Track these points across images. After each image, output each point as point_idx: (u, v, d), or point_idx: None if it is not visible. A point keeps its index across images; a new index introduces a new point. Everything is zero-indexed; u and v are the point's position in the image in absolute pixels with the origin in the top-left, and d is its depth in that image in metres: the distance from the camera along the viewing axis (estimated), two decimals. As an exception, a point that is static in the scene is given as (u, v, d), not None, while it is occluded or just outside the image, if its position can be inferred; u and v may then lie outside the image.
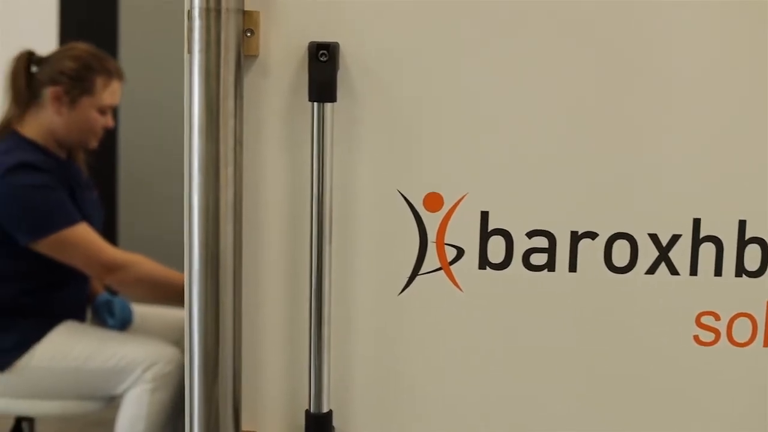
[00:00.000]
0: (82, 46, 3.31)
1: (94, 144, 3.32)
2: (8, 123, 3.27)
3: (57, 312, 3.27)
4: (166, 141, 4.85)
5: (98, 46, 3.33)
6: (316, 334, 1.45)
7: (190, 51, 1.40)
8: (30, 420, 3.45)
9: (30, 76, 3.27)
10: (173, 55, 4.78)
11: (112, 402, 3.31)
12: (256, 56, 1.44)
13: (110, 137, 4.76)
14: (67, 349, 3.17)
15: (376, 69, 1.45)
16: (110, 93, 3.26)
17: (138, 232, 4.73)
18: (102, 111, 3.26)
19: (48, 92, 3.22)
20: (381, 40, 1.45)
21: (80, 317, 3.38)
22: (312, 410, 1.47)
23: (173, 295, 3.28)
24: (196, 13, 1.38)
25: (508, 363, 1.52)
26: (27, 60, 3.30)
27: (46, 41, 4.72)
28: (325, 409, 1.47)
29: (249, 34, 1.43)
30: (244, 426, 1.49)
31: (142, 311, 3.55)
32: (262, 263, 1.49)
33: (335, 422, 1.50)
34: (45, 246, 3.11)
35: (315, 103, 1.41)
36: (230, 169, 1.39)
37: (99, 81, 3.23)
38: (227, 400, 1.44)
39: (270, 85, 1.45)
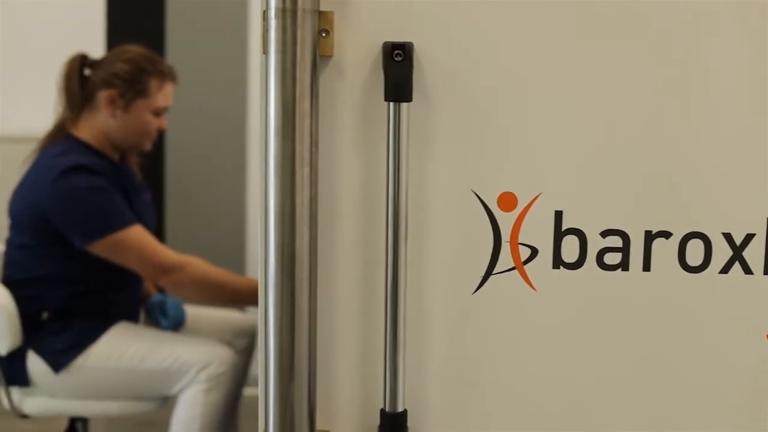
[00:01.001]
0: (134, 49, 3.32)
1: (147, 146, 3.34)
2: (62, 126, 3.29)
3: (111, 313, 3.28)
4: (213, 144, 4.86)
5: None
6: (391, 333, 1.45)
7: (266, 52, 1.40)
8: (84, 420, 3.47)
9: (83, 79, 3.29)
10: (219, 56, 4.81)
11: (166, 403, 3.32)
12: (330, 56, 1.44)
13: (158, 140, 4.78)
14: (122, 350, 3.19)
15: (451, 68, 1.45)
16: (164, 95, 3.27)
17: (185, 234, 4.74)
18: (156, 113, 3.27)
19: (102, 95, 3.23)
20: (455, 40, 1.45)
21: (134, 318, 3.39)
22: (387, 409, 1.47)
23: (226, 296, 3.29)
24: (272, 13, 1.38)
25: (582, 362, 1.52)
26: (80, 63, 3.31)
27: (93, 44, 4.74)
28: (400, 408, 1.47)
29: (324, 35, 1.43)
30: (318, 425, 1.49)
31: (194, 312, 3.56)
32: (336, 263, 1.49)
33: (409, 422, 1.50)
34: (100, 248, 3.12)
35: (391, 103, 1.41)
36: (306, 170, 1.40)
37: (153, 83, 3.24)
38: (302, 400, 1.44)
39: (345, 85, 1.45)
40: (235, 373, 3.25)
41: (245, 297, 3.27)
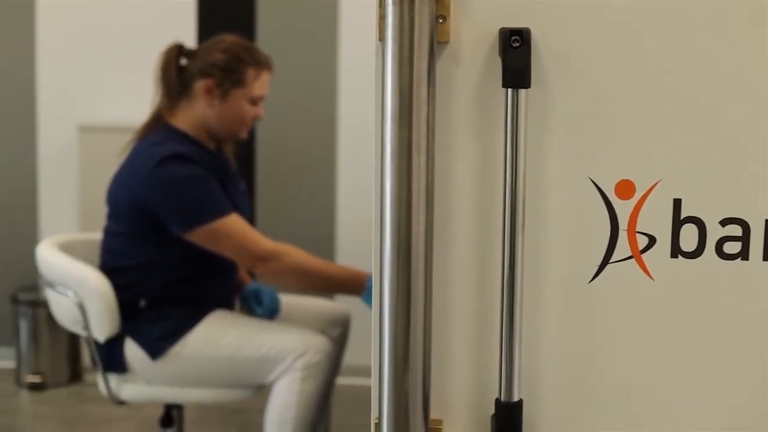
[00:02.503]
0: (231, 38, 3.33)
1: (243, 135, 3.35)
2: (160, 115, 3.31)
3: (208, 301, 3.31)
4: (303, 134, 4.87)
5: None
6: (507, 322, 1.43)
7: (382, 38, 1.39)
8: (179, 407, 3.50)
9: (180, 68, 3.31)
10: (309, 46, 4.81)
11: (260, 390, 3.34)
12: (447, 43, 1.43)
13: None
14: (218, 337, 3.21)
15: (568, 54, 1.43)
16: (260, 84, 3.28)
17: (275, 224, 4.76)
18: (253, 102, 3.28)
19: (199, 85, 3.25)
20: (572, 25, 1.42)
21: (229, 306, 3.41)
22: (502, 399, 1.45)
23: (322, 285, 3.30)
24: (389, 0, 1.37)
25: (700, 353, 1.49)
26: (177, 53, 3.34)
27: (185, 34, 4.77)
28: (515, 398, 1.45)
29: (441, 21, 1.41)
30: (432, 415, 1.48)
31: (288, 300, 3.57)
32: (452, 251, 1.47)
33: (524, 412, 1.48)
34: (198, 236, 3.14)
35: (509, 90, 1.39)
36: (423, 158, 1.38)
37: (250, 72, 3.25)
38: (417, 389, 1.43)
39: (461, 71, 1.44)
40: (329, 362, 3.26)
41: (340, 285, 3.28)
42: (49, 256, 3.34)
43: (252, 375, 3.23)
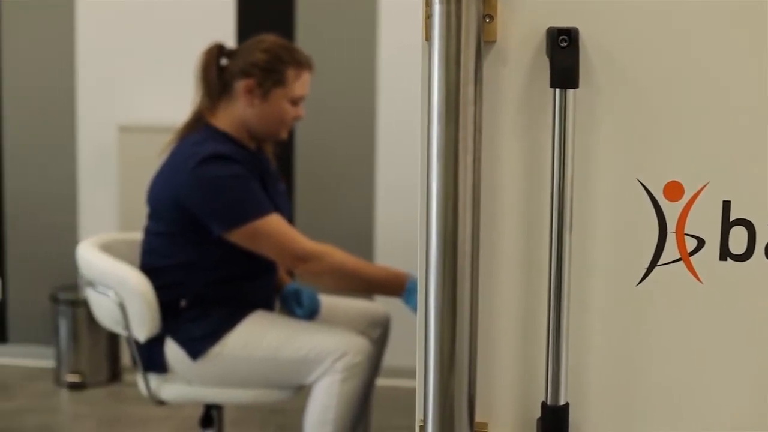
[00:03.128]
0: (272, 38, 3.33)
1: (284, 135, 3.35)
2: (200, 115, 3.32)
3: (248, 301, 3.31)
4: (342, 134, 4.87)
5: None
6: (554, 324, 1.41)
7: (428, 38, 1.38)
8: (219, 407, 3.50)
9: (221, 68, 3.31)
10: (348, 47, 4.81)
11: (300, 391, 3.33)
12: (493, 42, 1.42)
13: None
14: (258, 338, 3.21)
15: (616, 54, 1.41)
16: (301, 84, 3.28)
17: (314, 224, 4.76)
18: (293, 102, 3.28)
19: (240, 85, 3.25)
20: (620, 25, 1.41)
21: (269, 307, 3.41)
22: (549, 402, 1.44)
23: (362, 285, 3.30)
24: (436, -1, 1.36)
25: (749, 357, 1.47)
26: (217, 53, 3.34)
27: (225, 34, 4.78)
28: (562, 402, 1.44)
29: (488, 20, 1.40)
30: (477, 417, 1.47)
31: (328, 301, 3.57)
32: (498, 252, 1.46)
33: (570, 416, 1.46)
34: (238, 236, 3.14)
35: (556, 90, 1.38)
36: (469, 157, 1.37)
37: (290, 72, 3.25)
38: (462, 392, 1.42)
39: (508, 71, 1.43)
40: (369, 363, 3.25)
41: (380, 286, 3.27)
42: (89, 256, 3.35)
43: (292, 376, 3.22)
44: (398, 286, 3.19)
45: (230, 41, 4.69)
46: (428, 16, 1.38)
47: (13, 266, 5.28)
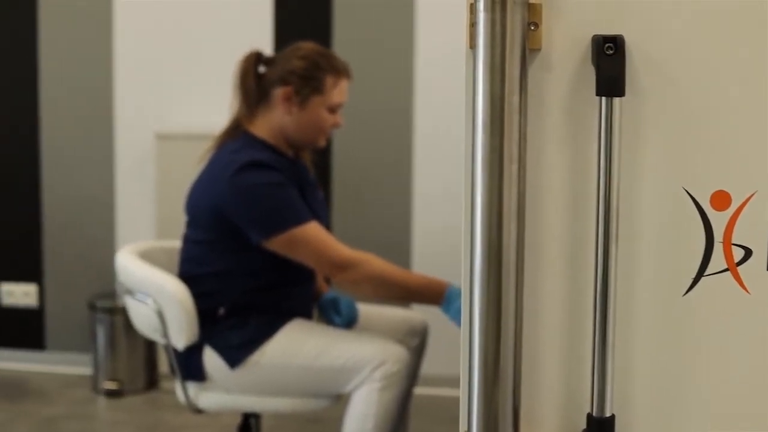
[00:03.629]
0: (309, 45, 3.33)
1: (322, 143, 3.34)
2: (239, 122, 3.32)
3: (286, 309, 3.30)
4: (379, 141, 4.86)
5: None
6: (600, 335, 1.40)
7: (473, 46, 1.37)
8: (257, 416, 3.50)
9: (259, 76, 3.31)
10: (385, 53, 4.80)
11: (338, 400, 3.33)
12: (538, 50, 1.40)
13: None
14: (297, 346, 3.20)
15: (663, 62, 1.40)
16: (339, 91, 3.28)
17: (351, 232, 4.75)
18: (331, 110, 3.27)
19: (278, 92, 3.25)
20: (667, 32, 1.39)
21: (307, 315, 3.41)
22: (594, 414, 1.42)
23: (400, 294, 3.28)
24: (481, 6, 1.35)
25: (798, 369, 1.45)
26: (255, 60, 3.34)
27: (262, 41, 4.79)
28: (607, 413, 1.42)
29: (533, 28, 1.39)
30: (521, 429, 1.45)
31: (366, 309, 3.56)
32: (543, 262, 1.45)
33: (616, 427, 1.45)
34: (276, 244, 3.14)
35: (602, 98, 1.36)
36: (514, 167, 1.36)
37: (328, 80, 3.25)
38: (507, 402, 1.40)
39: (552, 79, 1.41)
40: (408, 372, 3.24)
41: (419, 295, 3.26)
42: (128, 264, 3.35)
43: (330, 384, 3.22)
44: (437, 295, 3.17)
45: (267, 49, 4.69)
46: (473, 24, 1.37)
47: (51, 274, 5.30)
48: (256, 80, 3.31)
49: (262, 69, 3.34)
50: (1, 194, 5.29)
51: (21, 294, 5.32)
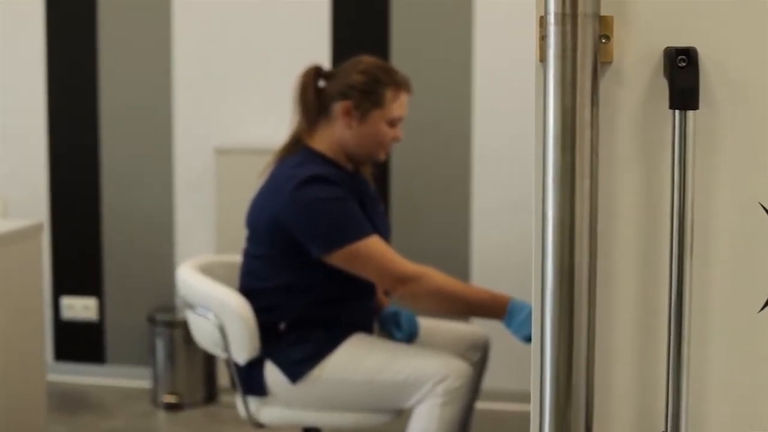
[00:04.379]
0: (369, 59, 3.32)
1: (382, 157, 3.33)
2: (299, 137, 3.32)
3: (347, 324, 3.29)
4: (437, 155, 4.84)
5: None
6: (674, 352, 1.37)
7: (543, 59, 1.35)
8: (317, 431, 3.49)
9: (318, 90, 3.31)
10: (443, 67, 4.78)
11: (399, 415, 3.31)
12: (609, 63, 1.38)
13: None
14: (358, 361, 3.19)
15: (736, 74, 1.37)
16: (399, 105, 3.26)
17: (410, 245, 4.73)
18: (391, 123, 3.26)
19: (338, 106, 3.24)
20: (740, 43, 1.37)
21: (368, 329, 3.39)
22: (669, 432, 1.40)
23: (462, 308, 3.26)
24: (551, 19, 1.32)
25: None
26: (315, 75, 3.33)
27: (320, 56, 4.79)
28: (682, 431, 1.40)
29: (604, 41, 1.37)
30: (594, 447, 1.43)
31: (427, 324, 3.54)
32: (616, 278, 1.42)
33: (690, 446, 1.42)
34: (337, 258, 3.13)
35: (676, 111, 1.34)
36: (586, 182, 1.34)
37: (388, 93, 3.24)
38: (579, 421, 1.38)
39: (624, 92, 1.39)
40: (470, 387, 3.21)
41: (481, 309, 3.23)
42: (190, 278, 3.36)
43: (392, 399, 3.20)
44: (500, 309, 3.15)
45: (325, 63, 4.69)
46: (543, 37, 1.35)
47: (111, 288, 5.33)
48: (315, 94, 3.30)
49: (321, 83, 3.33)
50: (62, 209, 5.33)
51: (81, 308, 5.35)
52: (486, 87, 4.82)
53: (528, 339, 3.08)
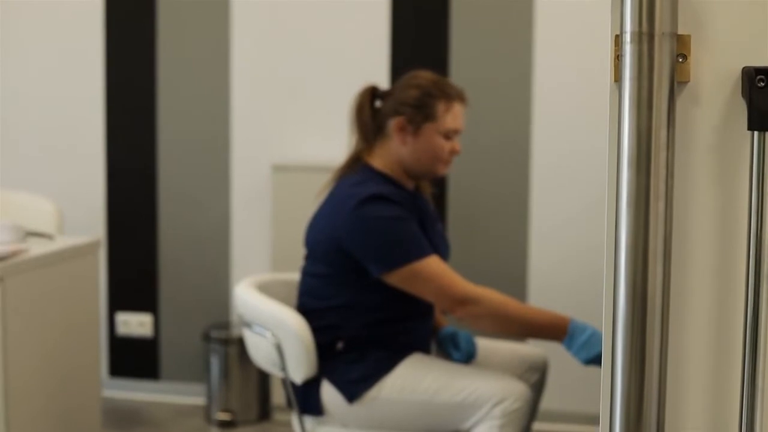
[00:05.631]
0: (424, 74, 3.31)
1: (441, 171, 3.31)
2: (358, 156, 3.31)
3: (405, 343, 3.27)
4: (496, 172, 4.81)
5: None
6: (749, 379, 1.33)
7: (618, 78, 1.32)
8: (371, 452, 3.46)
9: (374, 110, 3.30)
10: (502, 84, 4.76)
11: (456, 436, 3.28)
12: (686, 82, 1.35)
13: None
14: (415, 381, 3.16)
15: (817, 95, 1.33)
16: (452, 117, 3.25)
17: (467, 265, 4.70)
18: (446, 136, 3.24)
19: (392, 123, 3.24)
20: (821, 63, 1.34)
21: (426, 349, 3.37)
22: (743, 465, 1.36)
23: (521, 329, 3.22)
24: (627, 38, 1.30)
25: None
26: (371, 95, 3.33)
27: (378, 71, 4.78)
28: (758, 463, 1.36)
29: (681, 60, 1.34)
30: (665, 476, 1.39)
31: (484, 344, 3.51)
32: (690, 305, 1.39)
33: (765, 477, 1.38)
34: (396, 278, 3.11)
35: (754, 132, 1.31)
36: (661, 204, 1.31)
37: (440, 106, 3.22)
38: (651, 449, 1.35)
39: (701, 113, 1.36)
40: (528, 409, 3.17)
41: (541, 331, 3.18)
42: (247, 296, 3.34)
43: (449, 420, 3.16)
44: (560, 331, 3.11)
45: (383, 82, 4.69)
46: (618, 56, 1.32)
47: (166, 304, 5.34)
48: (371, 114, 3.30)
49: (378, 103, 3.33)
50: (119, 225, 5.35)
51: (136, 324, 5.36)
52: (545, 105, 4.79)
53: (589, 361, 3.04)
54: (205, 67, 5.19)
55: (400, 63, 4.85)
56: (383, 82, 4.68)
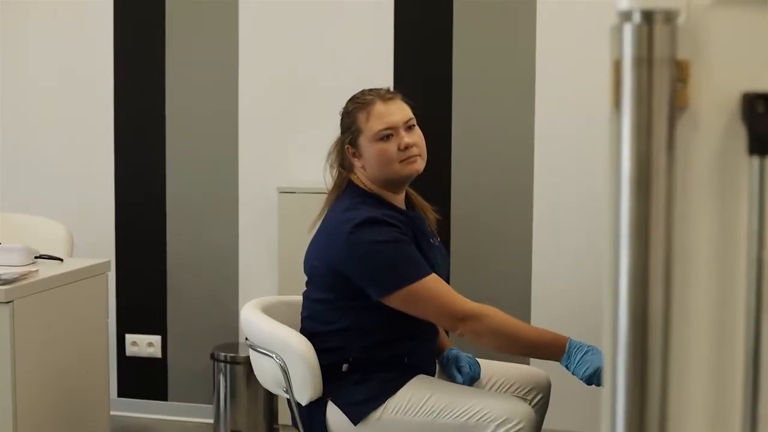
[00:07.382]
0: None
1: (407, 170, 3.25)
2: (344, 177, 3.37)
3: (409, 365, 3.27)
4: (499, 190, 4.81)
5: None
6: (750, 404, 1.34)
7: (617, 104, 1.32)
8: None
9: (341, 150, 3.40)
10: (505, 105, 4.76)
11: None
12: (685, 108, 1.36)
13: (444, 188, 4.77)
14: (420, 402, 3.16)
15: (816, 120, 1.34)
16: (376, 119, 3.26)
17: (470, 285, 4.71)
18: (383, 138, 3.24)
19: (347, 152, 3.33)
20: (821, 89, 1.34)
21: (430, 370, 3.37)
22: (742, 492, 1.36)
23: (522, 348, 3.22)
24: (626, 63, 1.30)
25: None
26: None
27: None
28: (759, 489, 1.36)
29: (680, 85, 1.34)
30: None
31: (487, 365, 3.51)
32: (691, 330, 1.39)
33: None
34: (397, 300, 3.11)
35: (754, 157, 1.31)
36: (661, 229, 1.31)
37: (360, 117, 3.28)
38: (652, 474, 1.35)
39: (700, 138, 1.36)
40: (532, 429, 3.17)
41: (541, 349, 3.18)
42: (253, 318, 3.35)
43: (453, 442, 3.16)
44: (559, 349, 3.10)
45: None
46: (617, 82, 1.33)
47: (174, 325, 5.35)
48: (339, 156, 3.45)
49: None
50: (128, 248, 5.37)
51: (145, 345, 5.37)
52: (547, 123, 4.80)
53: (589, 378, 3.04)
54: (213, 93, 5.21)
55: (404, 93, 4.86)
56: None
